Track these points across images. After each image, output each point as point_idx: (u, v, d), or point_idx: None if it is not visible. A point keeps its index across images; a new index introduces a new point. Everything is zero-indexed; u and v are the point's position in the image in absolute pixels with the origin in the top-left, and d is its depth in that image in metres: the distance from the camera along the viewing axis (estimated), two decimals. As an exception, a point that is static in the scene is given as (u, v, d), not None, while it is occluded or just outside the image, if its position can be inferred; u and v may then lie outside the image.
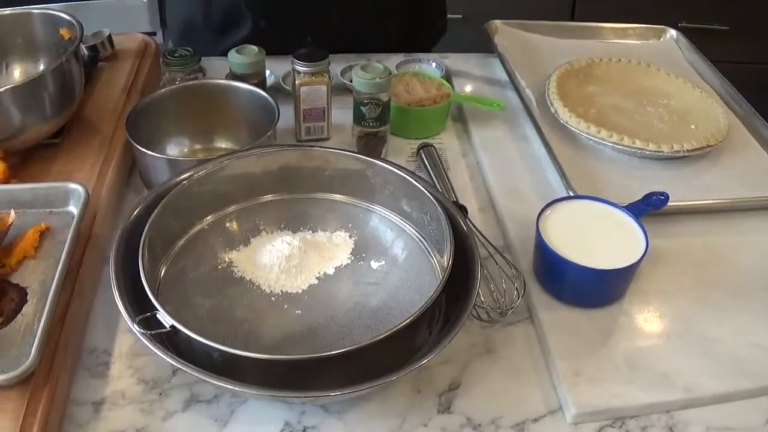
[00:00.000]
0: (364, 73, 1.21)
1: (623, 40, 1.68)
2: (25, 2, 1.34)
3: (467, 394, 0.91)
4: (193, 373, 0.79)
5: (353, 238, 1.06)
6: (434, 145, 1.29)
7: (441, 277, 0.89)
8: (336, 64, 1.40)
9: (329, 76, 1.26)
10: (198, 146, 1.26)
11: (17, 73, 1.30)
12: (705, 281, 1.06)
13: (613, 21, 1.69)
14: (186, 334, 0.80)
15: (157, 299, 0.83)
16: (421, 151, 1.27)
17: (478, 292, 0.89)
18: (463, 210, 1.02)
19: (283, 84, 1.43)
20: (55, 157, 1.16)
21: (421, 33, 1.72)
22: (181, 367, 0.79)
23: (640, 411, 0.89)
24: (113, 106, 1.28)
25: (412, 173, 1.03)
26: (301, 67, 1.24)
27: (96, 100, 1.30)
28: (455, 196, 1.18)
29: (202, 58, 1.32)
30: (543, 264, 1.03)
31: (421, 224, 1.03)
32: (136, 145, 1.09)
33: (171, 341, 0.87)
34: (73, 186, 1.03)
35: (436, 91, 1.36)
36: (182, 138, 1.25)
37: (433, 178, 1.21)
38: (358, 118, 1.25)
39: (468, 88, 1.50)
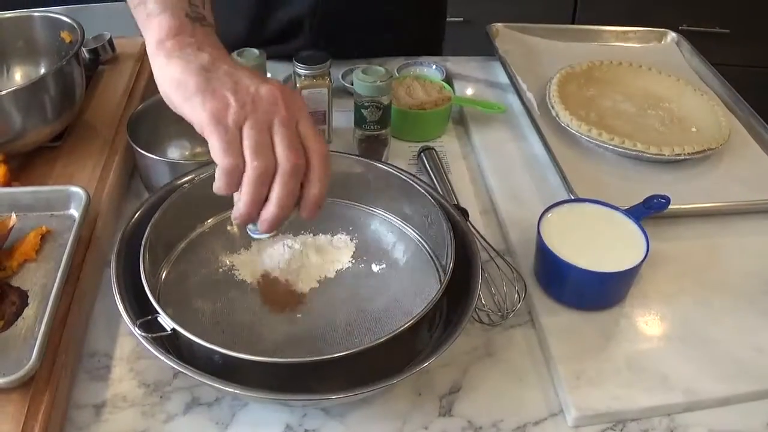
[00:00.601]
0: (365, 76, 1.21)
1: (624, 43, 1.68)
2: (26, 5, 1.34)
3: (468, 397, 0.91)
4: (194, 376, 0.79)
5: (354, 241, 1.05)
6: (435, 148, 1.29)
7: (442, 280, 0.89)
8: (337, 67, 1.40)
9: (330, 79, 1.26)
10: (199, 149, 1.26)
11: (18, 76, 1.30)
12: (706, 284, 1.06)
13: (614, 24, 1.69)
14: (187, 337, 0.80)
15: (158, 302, 0.83)
16: (422, 154, 1.27)
17: (479, 295, 0.89)
18: (464, 213, 1.02)
19: None
20: (55, 161, 1.16)
21: (440, 30, 1.75)
22: (182, 370, 0.79)
23: (641, 414, 0.89)
24: (114, 110, 1.28)
25: (413, 176, 1.03)
26: (302, 70, 1.24)
27: (97, 103, 1.30)
28: (456, 199, 1.18)
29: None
30: (544, 267, 1.03)
31: (422, 227, 1.03)
32: (137, 148, 1.09)
33: (172, 344, 0.87)
34: (74, 189, 1.03)
35: (437, 94, 1.36)
36: (183, 141, 1.25)
37: (434, 181, 1.21)
38: (359, 121, 1.25)
39: (469, 91, 1.50)
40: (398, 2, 1.57)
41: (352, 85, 1.24)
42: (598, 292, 1.01)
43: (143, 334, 0.81)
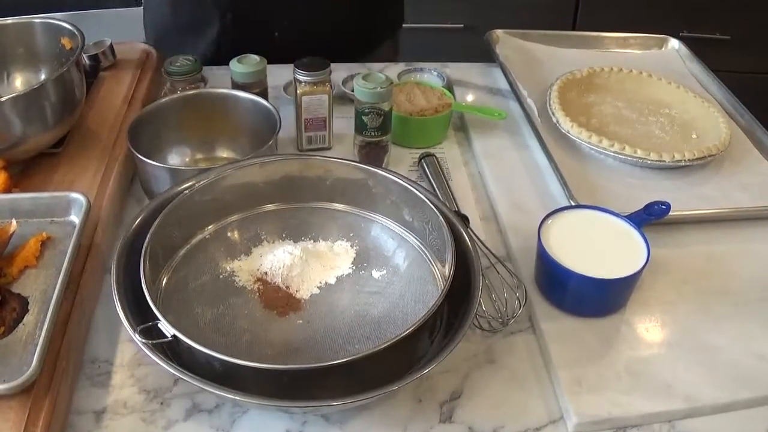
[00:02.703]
0: (365, 82, 1.21)
1: (625, 49, 1.68)
2: (26, 11, 1.34)
3: (469, 404, 0.91)
4: (195, 383, 0.79)
5: (355, 248, 1.06)
6: (436, 154, 1.29)
7: (443, 287, 0.89)
8: (337, 74, 1.40)
9: (331, 86, 1.26)
10: (199, 155, 1.26)
11: (18, 82, 1.30)
12: (706, 290, 1.06)
13: (615, 30, 1.69)
14: (187, 343, 0.80)
15: (158, 309, 0.83)
16: (422, 160, 1.27)
17: (480, 301, 0.89)
18: (464, 219, 1.02)
19: (284, 93, 1.43)
20: (56, 167, 1.16)
21: (376, 23, 1.73)
22: (183, 377, 0.79)
23: (642, 420, 0.89)
24: (114, 116, 1.28)
25: (413, 182, 1.03)
26: (302, 77, 1.24)
27: (97, 109, 1.30)
28: (457, 205, 1.18)
29: (204, 68, 1.33)
30: (544, 273, 1.03)
31: (423, 234, 1.03)
32: (137, 154, 1.09)
33: (172, 351, 0.87)
34: (74, 195, 1.03)
35: (438, 101, 1.36)
36: (183, 147, 1.25)
37: (435, 187, 1.21)
38: (360, 127, 1.25)
39: (469, 98, 1.51)
40: None
41: (353, 91, 1.24)
42: (598, 299, 1.01)
43: (144, 340, 0.81)
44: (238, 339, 0.92)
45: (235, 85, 1.30)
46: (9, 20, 1.26)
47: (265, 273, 1.00)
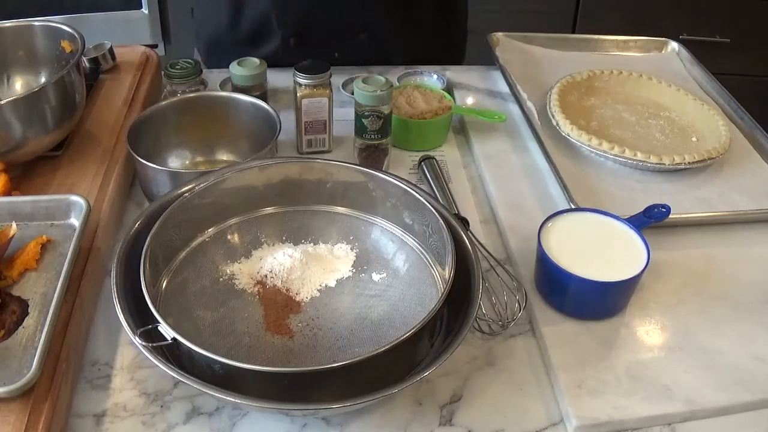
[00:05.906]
0: (365, 85, 1.21)
1: (625, 52, 1.68)
2: (26, 15, 1.34)
3: (469, 407, 0.91)
4: (195, 386, 0.79)
5: (355, 251, 1.06)
6: (436, 157, 1.29)
7: (443, 290, 0.89)
8: (337, 77, 1.40)
9: (331, 89, 1.26)
10: (199, 158, 1.26)
11: (18, 85, 1.30)
12: (706, 294, 1.06)
13: (615, 33, 1.69)
14: (187, 346, 0.80)
15: (158, 312, 0.83)
16: (422, 163, 1.27)
17: (480, 304, 0.89)
18: (464, 222, 1.02)
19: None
20: (56, 170, 1.16)
21: (443, 52, 1.72)
22: (183, 380, 0.79)
23: (642, 423, 0.89)
24: (114, 119, 1.28)
25: (413, 185, 1.03)
26: (302, 80, 1.24)
27: (97, 112, 1.30)
28: (456, 208, 1.18)
29: (204, 71, 1.33)
30: (544, 276, 1.03)
31: (423, 236, 1.03)
32: (137, 157, 1.09)
33: (172, 354, 0.87)
34: (74, 198, 1.03)
35: (438, 104, 1.36)
36: (183, 150, 1.25)
37: (435, 190, 1.21)
38: (360, 130, 1.25)
39: (469, 101, 1.51)
40: (368, 5, 1.57)
41: (353, 94, 1.24)
42: (598, 302, 1.01)
43: (143, 343, 0.81)
44: (238, 342, 0.92)
45: (236, 88, 1.30)
46: (9, 23, 1.26)
47: (265, 276, 1.00)
